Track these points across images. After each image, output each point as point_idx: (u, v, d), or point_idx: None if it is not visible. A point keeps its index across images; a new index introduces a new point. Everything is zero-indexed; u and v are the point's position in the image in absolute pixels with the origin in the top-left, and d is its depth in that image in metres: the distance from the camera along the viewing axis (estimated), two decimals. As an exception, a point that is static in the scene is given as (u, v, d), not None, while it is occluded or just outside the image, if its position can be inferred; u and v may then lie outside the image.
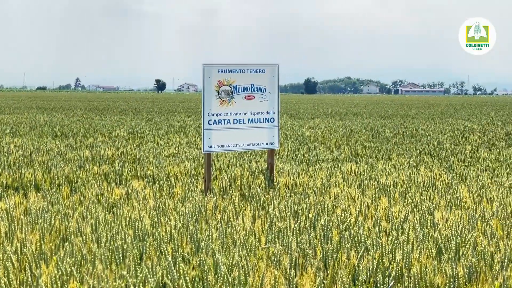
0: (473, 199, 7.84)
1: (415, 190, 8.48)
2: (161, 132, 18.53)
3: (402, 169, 10.74)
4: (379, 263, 4.71)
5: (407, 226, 5.97)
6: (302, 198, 7.78)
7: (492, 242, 5.47)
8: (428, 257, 5.17)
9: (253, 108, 8.71)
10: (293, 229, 5.89)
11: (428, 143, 15.88)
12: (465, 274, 4.62)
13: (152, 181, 9.20)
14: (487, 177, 9.88)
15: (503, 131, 20.56)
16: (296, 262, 4.86)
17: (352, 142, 15.95)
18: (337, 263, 4.93)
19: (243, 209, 7.13)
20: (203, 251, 5.18)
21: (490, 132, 19.86)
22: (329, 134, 18.48)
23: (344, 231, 5.82)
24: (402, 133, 19.29)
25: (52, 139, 16.15)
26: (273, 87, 8.83)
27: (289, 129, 20.62)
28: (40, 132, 17.96)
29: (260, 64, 8.77)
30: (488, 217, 6.54)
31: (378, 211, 6.96)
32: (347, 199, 7.85)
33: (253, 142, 8.83)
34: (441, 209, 7.17)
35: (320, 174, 10.04)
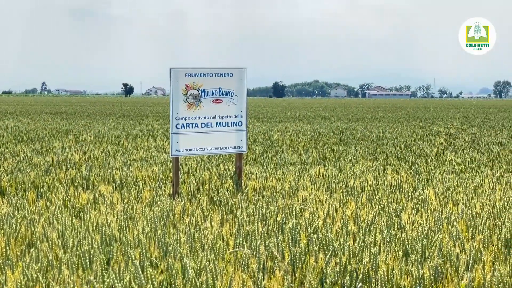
0: (439, 201, 7.92)
1: (382, 192, 8.54)
2: (128, 136, 18.42)
3: (370, 172, 10.81)
4: (346, 266, 4.74)
5: (374, 229, 6.01)
6: (270, 201, 7.79)
7: (458, 244, 5.53)
8: (395, 259, 5.22)
9: (221, 111, 8.70)
10: (261, 232, 5.90)
11: (395, 146, 16.02)
12: (431, 275, 4.67)
13: (120, 185, 9.14)
14: (452, 179, 9.99)
15: (468, 133, 20.82)
16: (264, 265, 4.87)
17: (320, 146, 16.02)
18: (305, 266, 4.95)
19: (211, 213, 7.12)
20: (171, 255, 5.16)
21: (455, 135, 20.10)
22: (297, 138, 18.53)
23: (312, 234, 5.84)
24: (370, 136, 19.43)
25: (18, 144, 15.96)
26: (241, 90, 8.84)
27: (257, 133, 20.64)
28: (6, 137, 17.73)
29: (227, 68, 8.77)
30: (453, 219, 6.61)
31: (345, 214, 7.00)
32: (315, 202, 7.88)
33: (221, 146, 8.82)
34: (407, 212, 7.24)
35: (288, 178, 10.06)
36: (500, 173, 10.68)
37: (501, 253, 5.36)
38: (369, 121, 30.61)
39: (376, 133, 20.88)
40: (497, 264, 4.73)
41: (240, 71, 8.85)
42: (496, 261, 5.17)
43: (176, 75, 8.38)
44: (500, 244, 5.54)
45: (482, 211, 7.13)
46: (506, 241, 5.54)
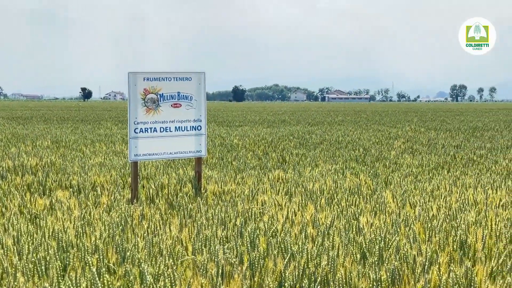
0: (397, 204, 8.00)
1: (341, 196, 8.60)
2: (87, 141, 18.22)
3: (329, 176, 10.87)
4: (305, 269, 4.76)
5: (333, 232, 6.05)
6: (230, 205, 7.78)
7: (415, 246, 5.59)
8: (353, 262, 5.25)
9: (180, 116, 8.66)
10: (220, 237, 5.88)
11: (354, 149, 16.14)
12: (388, 278, 4.71)
13: (77, 191, 9.04)
14: (410, 182, 10.11)
15: (425, 137, 21.09)
16: (223, 270, 4.86)
17: (280, 149, 16.06)
18: (264, 270, 4.95)
19: (170, 217, 7.08)
20: (129, 261, 5.11)
21: (413, 138, 20.34)
22: (257, 142, 18.55)
23: (271, 238, 5.85)
24: (329, 140, 19.54)
25: (-27, 149, 15.66)
26: (200, 95, 8.81)
27: (217, 137, 20.61)
28: (-40, 142, 17.39)
29: (186, 72, 8.74)
30: (411, 221, 6.68)
31: (305, 217, 7.02)
32: (274, 206, 7.89)
33: (180, 150, 8.78)
34: (366, 214, 7.29)
35: (247, 182, 10.07)
36: (456, 176, 10.84)
37: (457, 255, 5.44)
38: (328, 124, 30.79)
39: (335, 136, 21.01)
40: (452, 266, 4.79)
41: (199, 75, 8.83)
42: (451, 262, 5.24)
43: (135, 79, 8.32)
44: (456, 245, 5.61)
45: (439, 213, 7.22)
46: (461, 242, 5.61)
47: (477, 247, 5.60)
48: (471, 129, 26.20)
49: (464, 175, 11.06)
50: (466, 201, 8.07)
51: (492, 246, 5.71)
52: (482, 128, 26.70)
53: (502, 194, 8.84)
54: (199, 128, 8.84)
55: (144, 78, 8.39)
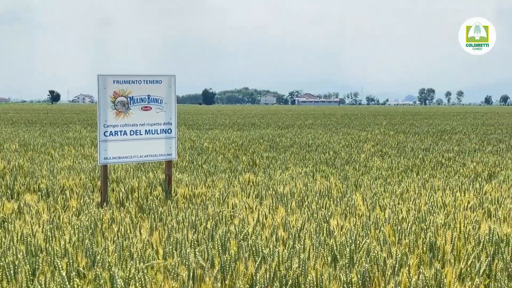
0: (367, 207, 8.05)
1: (311, 198, 8.62)
2: (55, 144, 18.05)
3: (299, 178, 10.90)
4: (276, 272, 4.76)
5: (304, 235, 6.06)
6: (200, 209, 7.76)
7: (385, 248, 5.63)
8: (324, 264, 5.27)
9: (150, 119, 8.62)
10: (191, 240, 5.86)
11: (324, 152, 16.21)
12: (359, 280, 4.74)
13: (46, 194, 8.94)
14: (380, 185, 10.17)
15: (394, 140, 21.26)
16: (194, 273, 4.84)
17: (250, 152, 16.07)
18: (235, 273, 4.94)
19: (141, 221, 7.04)
20: (99, 264, 5.07)
21: (382, 141, 20.49)
22: (227, 145, 18.54)
23: (242, 241, 5.84)
24: (299, 143, 19.60)
25: None
26: (170, 98, 8.78)
27: (187, 140, 20.55)
28: None
29: (156, 75, 8.70)
30: (381, 224, 6.73)
31: (275, 220, 7.03)
32: (245, 209, 7.89)
33: (151, 153, 8.74)
34: (336, 217, 7.33)
35: (218, 185, 10.05)
36: (425, 178, 10.94)
37: (426, 257, 5.48)
38: (298, 128, 30.89)
39: (305, 139, 21.08)
40: (422, 268, 4.83)
41: (169, 78, 8.80)
42: (421, 264, 5.29)
43: (104, 82, 8.27)
44: (425, 247, 5.66)
45: (408, 216, 7.28)
46: (431, 244, 5.66)
47: (446, 249, 5.65)
48: (440, 132, 26.47)
49: (432, 177, 11.17)
50: (435, 204, 8.15)
51: (461, 248, 5.78)
52: (450, 131, 26.99)
53: (470, 196, 8.94)
54: (169, 131, 8.81)
55: (114, 81, 8.33)
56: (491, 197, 8.79)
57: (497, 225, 6.82)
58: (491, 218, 7.39)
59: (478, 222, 6.92)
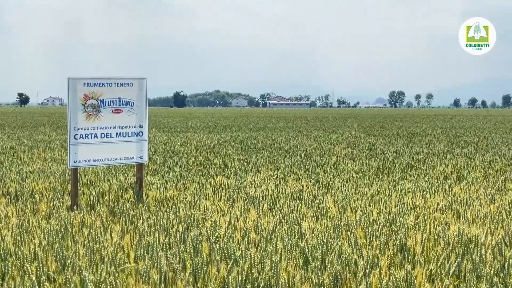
0: (338, 209, 8.08)
1: (283, 201, 8.64)
2: (24, 148, 17.85)
3: (271, 181, 10.92)
4: (248, 274, 4.76)
5: (276, 237, 6.07)
6: (172, 211, 7.74)
7: (356, 250, 5.66)
8: (296, 267, 5.28)
9: (121, 122, 8.58)
10: (162, 243, 5.84)
11: (296, 155, 16.25)
12: (331, 282, 4.76)
13: (15, 198, 8.84)
14: (351, 187, 10.23)
15: (365, 142, 21.39)
16: (166, 276, 4.83)
17: (222, 155, 16.05)
18: (207, 276, 4.94)
19: (112, 224, 7.00)
20: (70, 268, 5.03)
21: (353, 144, 20.60)
22: (198, 147, 18.50)
23: (214, 243, 5.84)
24: (271, 145, 19.62)
25: None
26: (141, 100, 8.75)
27: (158, 143, 20.47)
28: None
29: (127, 78, 8.66)
30: (352, 226, 6.76)
31: (247, 223, 7.03)
32: (217, 211, 7.88)
33: (122, 156, 8.70)
34: (308, 219, 7.35)
35: (190, 188, 10.03)
36: (395, 181, 11.02)
37: (397, 258, 5.53)
38: (270, 130, 30.93)
39: (277, 142, 21.11)
40: (393, 269, 4.87)
41: (140, 80, 8.76)
42: (392, 266, 5.33)
43: (74, 85, 8.20)
44: (396, 249, 5.71)
45: (379, 218, 7.33)
46: (401, 246, 5.71)
47: (417, 251, 5.70)
48: (409, 134, 26.69)
49: (403, 180, 11.25)
50: (405, 206, 8.22)
51: (430, 249, 5.83)
52: (420, 134, 27.23)
53: (439, 198, 9.03)
54: (141, 134, 8.77)
55: (84, 83, 8.27)
56: (460, 198, 8.90)
57: (466, 226, 6.91)
58: (460, 219, 7.47)
59: (447, 224, 6.99)
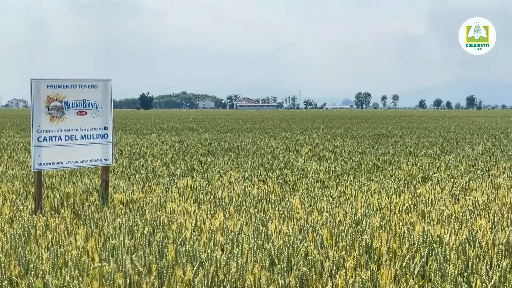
0: (304, 210, 8.10)
1: (249, 203, 8.63)
2: (-12, 150, 17.59)
3: (237, 183, 10.90)
4: (214, 277, 4.74)
5: (242, 239, 6.06)
6: (138, 214, 7.68)
7: (322, 251, 5.67)
8: (262, 268, 5.27)
9: (86, 124, 8.49)
10: (128, 246, 5.79)
11: (262, 156, 16.25)
12: (297, 283, 4.76)
13: (-22, 202, 8.70)
14: (317, 188, 10.25)
15: (332, 143, 21.49)
16: (131, 280, 4.78)
17: (188, 157, 16.00)
18: (172, 278, 4.90)
19: (76, 227, 6.91)
20: (33, 273, 4.96)
21: (320, 145, 20.68)
22: (165, 149, 18.42)
23: (179, 246, 5.80)
24: (237, 147, 19.61)
25: None
26: (106, 102, 8.67)
27: (124, 145, 20.33)
28: None
29: (92, 79, 8.58)
30: (318, 227, 6.77)
31: (213, 225, 7.01)
32: (183, 214, 7.84)
33: (86, 158, 8.61)
34: (274, 221, 7.34)
35: (156, 190, 9.97)
36: (361, 182, 11.08)
37: (363, 259, 5.55)
38: (237, 132, 30.92)
39: (243, 144, 21.11)
40: (359, 270, 4.88)
41: (105, 82, 8.69)
42: (358, 266, 5.34)
43: (38, 86, 8.10)
44: (362, 250, 5.73)
45: (345, 219, 7.35)
46: (367, 247, 5.73)
47: (382, 251, 5.73)
48: (376, 136, 26.89)
49: (369, 181, 11.32)
50: (371, 206, 8.26)
51: (396, 249, 5.87)
52: (386, 135, 27.45)
53: (405, 198, 9.10)
54: (106, 136, 8.69)
55: (48, 85, 8.17)
56: (425, 199, 8.97)
57: (431, 227, 6.97)
58: (425, 219, 7.54)
59: (412, 224, 7.04)
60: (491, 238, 6.05)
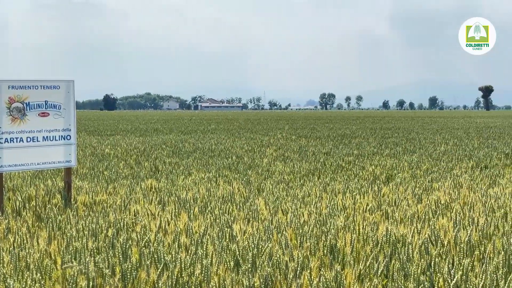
0: (269, 211, 8.10)
1: (214, 204, 8.61)
2: None
3: (202, 184, 10.87)
4: (178, 279, 4.72)
5: (206, 240, 6.04)
6: (101, 216, 7.61)
7: (287, 252, 5.68)
8: (227, 270, 5.26)
9: (48, 125, 8.40)
10: (91, 248, 5.74)
11: (227, 157, 16.24)
12: (261, 284, 4.76)
13: None
14: (282, 189, 10.28)
15: (296, 144, 21.56)
16: (94, 282, 4.74)
17: (153, 158, 15.92)
18: (136, 281, 4.87)
19: (38, 230, 6.83)
20: (-6, 277, 4.88)
21: (285, 146, 20.73)
22: (129, 151, 18.30)
23: (144, 248, 5.77)
24: (202, 148, 19.57)
25: None
26: (69, 103, 8.58)
27: (87, 146, 20.15)
28: None
29: (54, 80, 8.49)
30: (283, 228, 6.79)
31: (178, 226, 6.98)
32: (147, 215, 7.80)
33: (49, 160, 8.51)
34: (239, 222, 7.34)
35: (120, 191, 9.89)
36: (326, 182, 11.14)
37: (327, 259, 5.57)
38: (201, 133, 30.85)
39: (208, 145, 21.07)
40: (323, 270, 4.90)
41: (68, 83, 8.60)
42: (322, 267, 5.37)
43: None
44: (326, 250, 5.75)
45: (310, 219, 7.38)
46: (331, 247, 5.76)
47: (346, 251, 5.76)
48: (340, 136, 27.05)
49: (333, 181, 11.38)
50: (335, 207, 8.31)
51: (360, 249, 5.91)
52: (350, 136, 27.62)
53: (369, 199, 9.17)
54: (68, 137, 8.60)
55: (9, 86, 8.06)
56: (389, 199, 9.05)
57: (394, 226, 7.03)
58: (388, 219, 7.60)
59: (376, 224, 7.10)
60: (453, 237, 6.12)
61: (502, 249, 5.72)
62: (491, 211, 8.01)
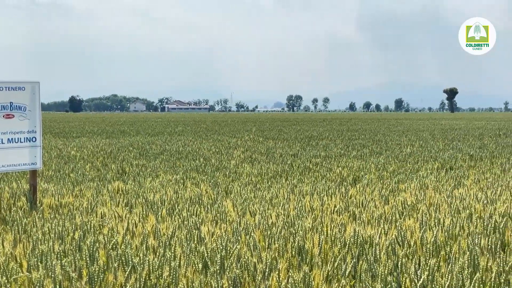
0: (237, 213, 8.10)
1: (182, 206, 8.59)
2: None
3: (170, 186, 10.83)
4: (146, 281, 4.69)
5: (175, 242, 6.02)
6: (68, 219, 7.54)
7: (255, 253, 5.68)
8: (195, 272, 5.25)
9: (13, 127, 8.29)
10: (57, 251, 5.68)
11: (195, 159, 16.20)
12: (230, 286, 4.76)
13: None
14: (250, 191, 10.28)
15: (264, 146, 21.59)
16: (60, 285, 4.69)
17: (120, 160, 15.81)
18: (104, 283, 4.83)
19: (3, 233, 6.74)
20: (-42, 281, 4.80)
21: (252, 148, 20.75)
22: (95, 153, 18.15)
23: (111, 250, 5.72)
24: (169, 150, 19.50)
25: None
26: (34, 105, 8.48)
27: (53, 148, 19.94)
28: None
29: (19, 82, 8.38)
30: (251, 230, 6.79)
31: (145, 228, 6.94)
32: (114, 218, 7.74)
33: (14, 163, 8.40)
34: (207, 224, 7.32)
35: (86, 194, 9.81)
36: (293, 184, 11.17)
37: (295, 261, 5.59)
38: (168, 135, 30.73)
39: (175, 147, 21.00)
40: (291, 271, 4.92)
41: (33, 85, 8.50)
42: (290, 268, 5.38)
43: (-38, 88, 7.86)
44: (294, 252, 5.77)
45: (278, 221, 7.39)
46: (299, 248, 5.78)
47: (314, 252, 5.78)
48: (307, 138, 27.15)
49: (301, 183, 11.42)
50: (303, 208, 8.33)
51: (328, 250, 5.93)
52: (317, 137, 27.74)
53: (336, 200, 9.21)
54: (34, 139, 8.50)
55: (-27, 87, 7.94)
56: (356, 200, 9.11)
57: (362, 227, 7.07)
58: (356, 220, 7.64)
59: (344, 225, 7.13)
60: (420, 237, 6.18)
61: (467, 249, 5.80)
62: (457, 212, 8.10)
